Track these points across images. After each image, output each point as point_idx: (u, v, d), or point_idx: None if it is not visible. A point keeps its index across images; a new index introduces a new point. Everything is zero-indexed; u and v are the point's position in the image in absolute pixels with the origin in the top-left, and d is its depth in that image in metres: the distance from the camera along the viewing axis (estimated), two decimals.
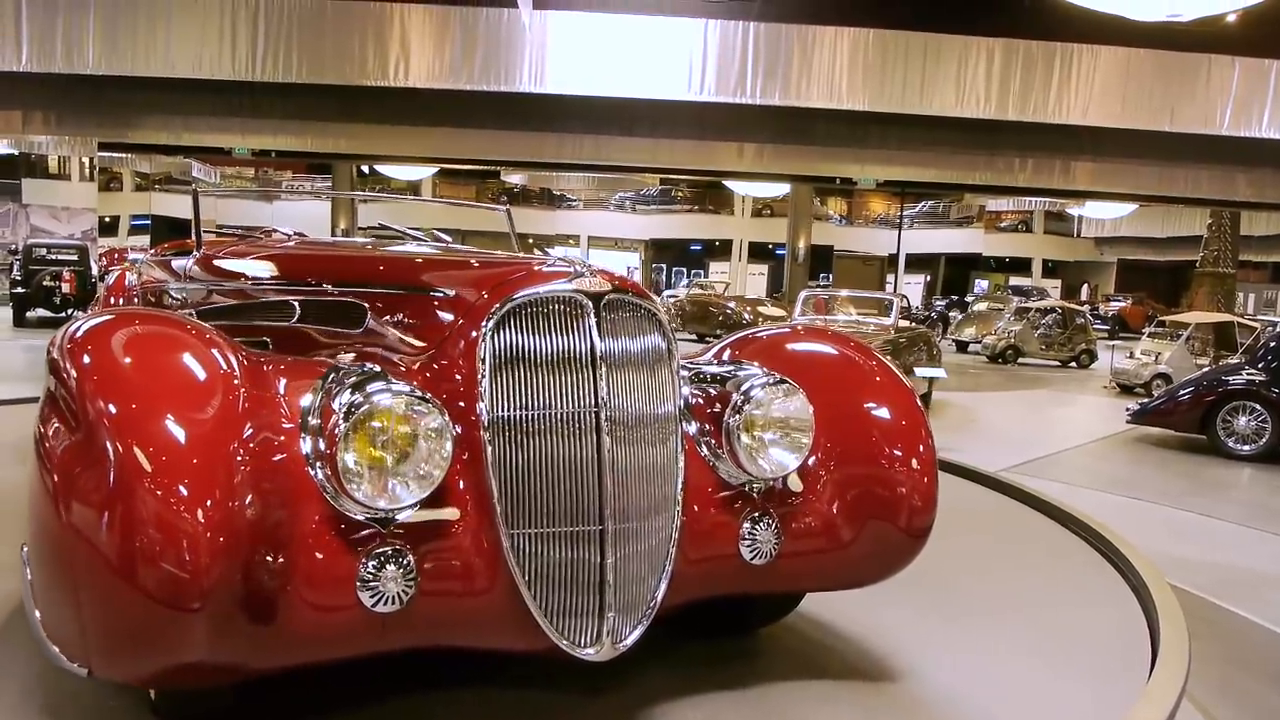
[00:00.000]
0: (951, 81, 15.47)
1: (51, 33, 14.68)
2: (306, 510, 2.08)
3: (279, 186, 34.11)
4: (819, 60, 15.31)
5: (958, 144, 17.63)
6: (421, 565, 2.12)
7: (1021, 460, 8.93)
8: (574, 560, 2.26)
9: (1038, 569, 4.33)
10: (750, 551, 2.53)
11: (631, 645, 2.33)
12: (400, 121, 17.60)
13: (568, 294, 2.32)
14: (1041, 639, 3.34)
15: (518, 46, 15.07)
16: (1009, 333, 20.48)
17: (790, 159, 18.88)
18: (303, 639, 2.05)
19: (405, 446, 2.12)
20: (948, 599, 3.73)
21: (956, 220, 40.37)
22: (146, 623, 1.88)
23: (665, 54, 15.22)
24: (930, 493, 2.71)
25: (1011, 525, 5.28)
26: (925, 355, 11.65)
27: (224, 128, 18.17)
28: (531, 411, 2.26)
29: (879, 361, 2.94)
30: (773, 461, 2.58)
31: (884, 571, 2.78)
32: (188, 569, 1.85)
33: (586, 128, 17.61)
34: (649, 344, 2.44)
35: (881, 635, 3.22)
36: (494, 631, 2.26)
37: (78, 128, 18.35)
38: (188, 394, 2.09)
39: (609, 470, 2.28)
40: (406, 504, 2.12)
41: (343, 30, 15.00)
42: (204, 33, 14.93)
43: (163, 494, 1.87)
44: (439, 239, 4.16)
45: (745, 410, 2.57)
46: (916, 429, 2.77)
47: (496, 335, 2.27)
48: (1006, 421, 12.13)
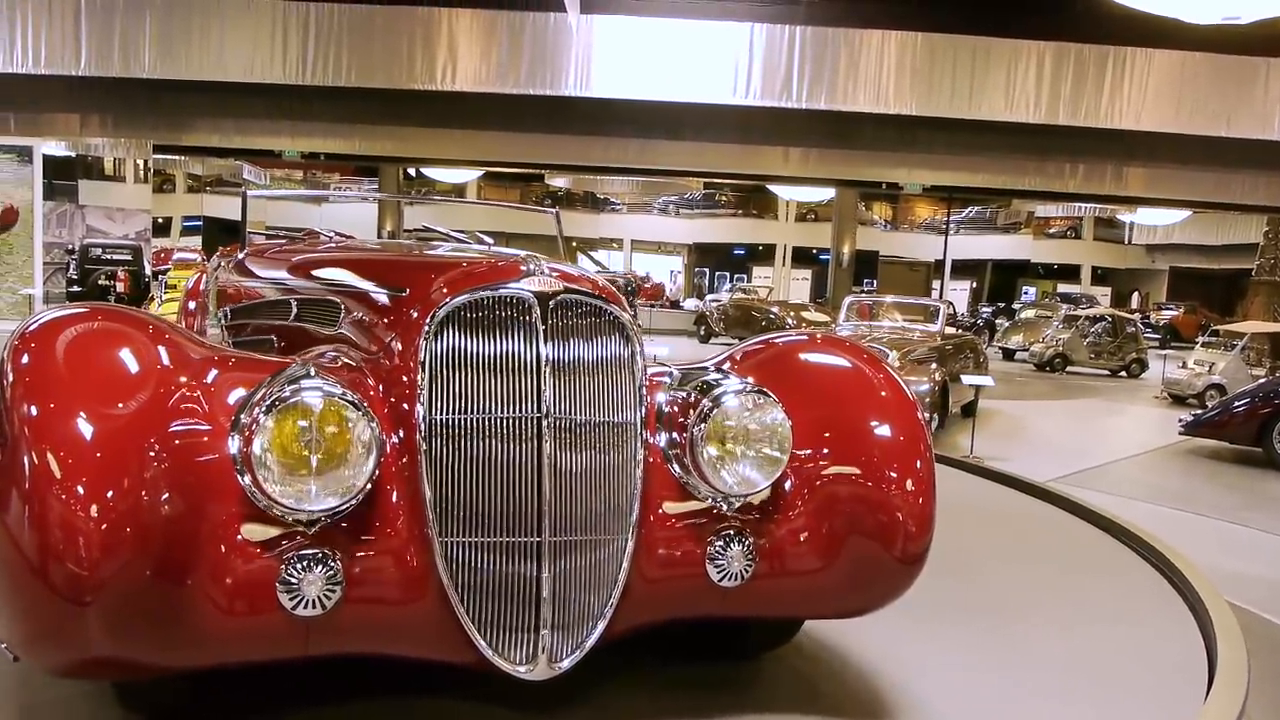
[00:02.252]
0: (1001, 86, 15.26)
1: (109, 38, 15.00)
2: (230, 510, 2.02)
3: (327, 189, 34.54)
4: (866, 64, 15.18)
5: (1007, 149, 17.41)
6: (349, 570, 2.05)
7: (1070, 471, 8.77)
8: (508, 572, 2.16)
9: (1087, 583, 4.25)
10: (719, 573, 2.33)
11: (570, 667, 2.20)
12: (447, 125, 17.77)
13: (512, 294, 2.21)
14: (1092, 657, 3.27)
15: (564, 50, 15.12)
16: (1057, 341, 20.17)
17: (836, 163, 18.76)
18: (222, 639, 2.01)
19: (329, 448, 2.04)
20: (990, 614, 3.67)
21: (1003, 226, 39.84)
22: (46, 616, 1.89)
23: (711, 58, 15.18)
24: (925, 516, 2.48)
25: (1060, 537, 5.19)
26: (972, 362, 11.50)
27: (274, 130, 18.46)
28: (469, 416, 2.16)
29: (887, 375, 2.71)
30: (739, 477, 2.38)
31: (873, 600, 2.55)
32: (82, 565, 1.84)
33: (632, 131, 17.64)
34: (606, 348, 2.30)
35: (903, 661, 3.03)
36: (425, 642, 2.18)
37: (134, 130, 18.72)
38: (107, 392, 2.05)
39: (549, 479, 2.17)
40: (324, 507, 2.03)
41: (391, 35, 15.16)
42: (256, 37, 15.17)
43: (61, 491, 1.87)
44: (482, 241, 4.17)
45: (711, 419, 2.38)
46: (915, 446, 2.54)
47: (437, 336, 2.19)
48: (1055, 431, 11.94)
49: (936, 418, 9.12)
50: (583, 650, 2.22)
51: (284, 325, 3.25)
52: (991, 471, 6.87)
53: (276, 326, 3.32)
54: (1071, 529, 5.32)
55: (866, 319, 11.75)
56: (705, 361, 2.85)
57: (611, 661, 2.70)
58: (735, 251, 40.70)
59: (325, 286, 3.01)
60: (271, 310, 3.42)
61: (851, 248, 26.52)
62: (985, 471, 6.90)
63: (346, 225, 22.34)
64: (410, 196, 31.93)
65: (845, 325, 11.12)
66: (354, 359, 2.49)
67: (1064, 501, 5.87)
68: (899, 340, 10.06)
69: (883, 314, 12.19)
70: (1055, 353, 19.93)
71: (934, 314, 11.76)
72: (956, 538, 5.00)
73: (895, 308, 12.67)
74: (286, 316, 3.26)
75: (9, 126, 17.14)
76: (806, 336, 2.90)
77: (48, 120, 17.79)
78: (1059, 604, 3.89)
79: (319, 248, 3.81)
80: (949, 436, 9.57)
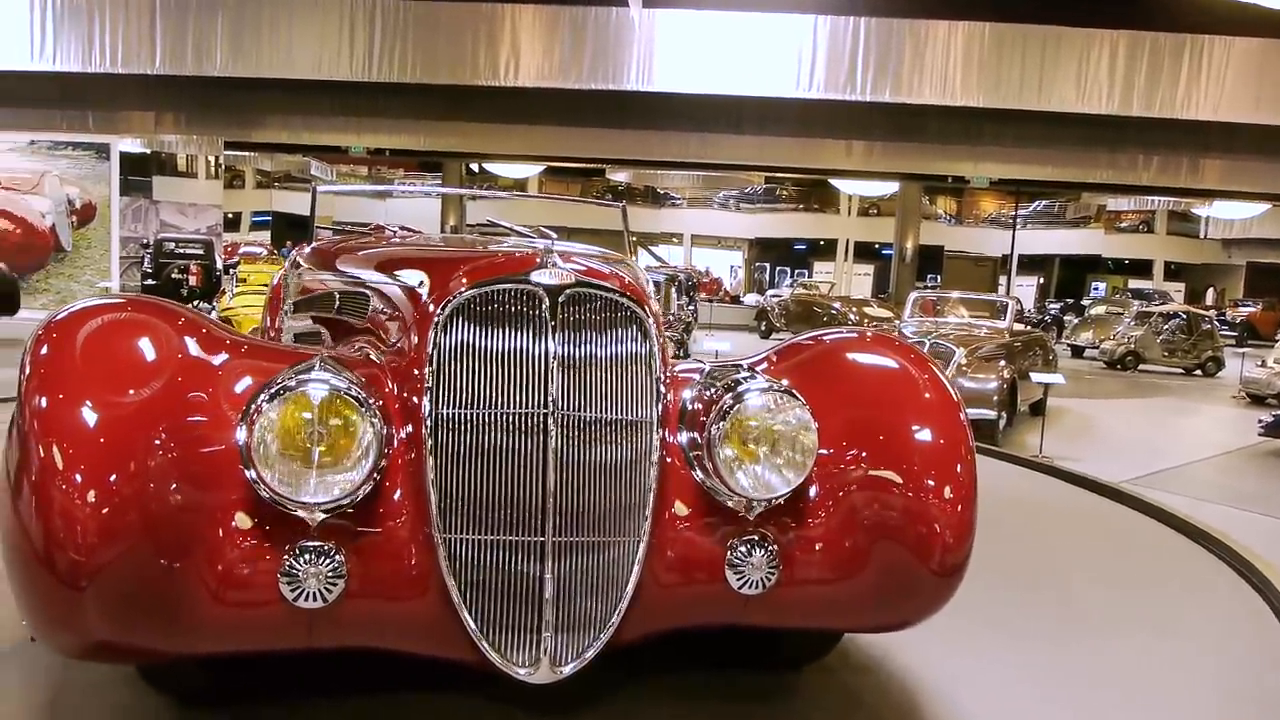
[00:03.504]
0: (1072, 76, 14.90)
1: (183, 37, 15.36)
2: (235, 500, 2.03)
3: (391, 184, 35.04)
4: (932, 56, 14.93)
5: (1078, 141, 17.01)
6: (351, 564, 2.04)
7: (1144, 472, 8.54)
8: (511, 572, 2.12)
9: (1166, 593, 4.12)
10: (739, 580, 2.23)
11: (573, 672, 2.15)
12: (509, 120, 17.87)
13: (521, 287, 2.16)
14: (1173, 667, 3.17)
15: (626, 45, 15.11)
16: (1129, 338, 19.66)
17: (900, 157, 18.50)
18: (224, 627, 2.03)
19: (331, 442, 2.03)
20: (1062, 628, 3.57)
21: (1072, 220, 38.96)
22: (47, 599, 1.94)
23: (774, 51, 15.05)
24: (964, 525, 2.33)
25: (1135, 541, 5.05)
26: (1041, 360, 11.26)
27: (341, 127, 18.74)
28: (474, 410, 2.13)
29: (931, 375, 2.57)
30: (758, 481, 2.26)
31: (908, 613, 2.41)
32: (79, 551, 1.88)
33: (693, 125, 17.57)
34: (622, 343, 2.23)
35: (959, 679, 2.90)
36: (426, 639, 2.16)
37: (206, 127, 19.16)
38: (118, 383, 2.07)
39: (554, 478, 2.12)
40: (324, 500, 2.01)
41: (455, 31, 15.29)
42: (323, 35, 15.41)
43: (62, 480, 1.91)
44: (546, 235, 4.18)
45: (731, 417, 2.27)
46: (955, 450, 2.40)
47: (446, 329, 2.16)
48: (1127, 431, 11.64)
49: (1004, 416, 8.93)
50: (588, 656, 2.16)
51: (330, 319, 3.30)
52: (1062, 471, 6.72)
53: (325, 319, 3.38)
54: (1147, 532, 5.18)
55: (930, 315, 11.57)
56: (742, 358, 2.77)
57: (636, 665, 2.70)
58: (796, 246, 40.37)
59: (361, 280, 3.04)
60: (322, 304, 3.49)
61: (915, 243, 26.15)
62: (1056, 471, 6.76)
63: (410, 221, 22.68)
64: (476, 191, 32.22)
65: (910, 321, 10.95)
66: (378, 352, 2.50)
67: (1139, 503, 5.72)
68: (966, 337, 9.89)
69: (948, 310, 11.99)
70: (1127, 350, 19.43)
71: (1001, 310, 11.54)
72: (1022, 541, 4.90)
73: (961, 303, 12.46)
74: (331, 309, 3.31)
75: (88, 124, 17.64)
76: (855, 334, 2.78)
77: (124, 118, 18.29)
78: (1135, 616, 3.77)
79: (364, 243, 3.85)
80: (1017, 435, 9.38)
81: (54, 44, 15.56)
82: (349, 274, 3.18)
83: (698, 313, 20.04)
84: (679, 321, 13.99)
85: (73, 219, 15.72)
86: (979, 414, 8.68)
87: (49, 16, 15.47)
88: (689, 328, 14.87)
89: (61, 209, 15.62)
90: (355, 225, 21.57)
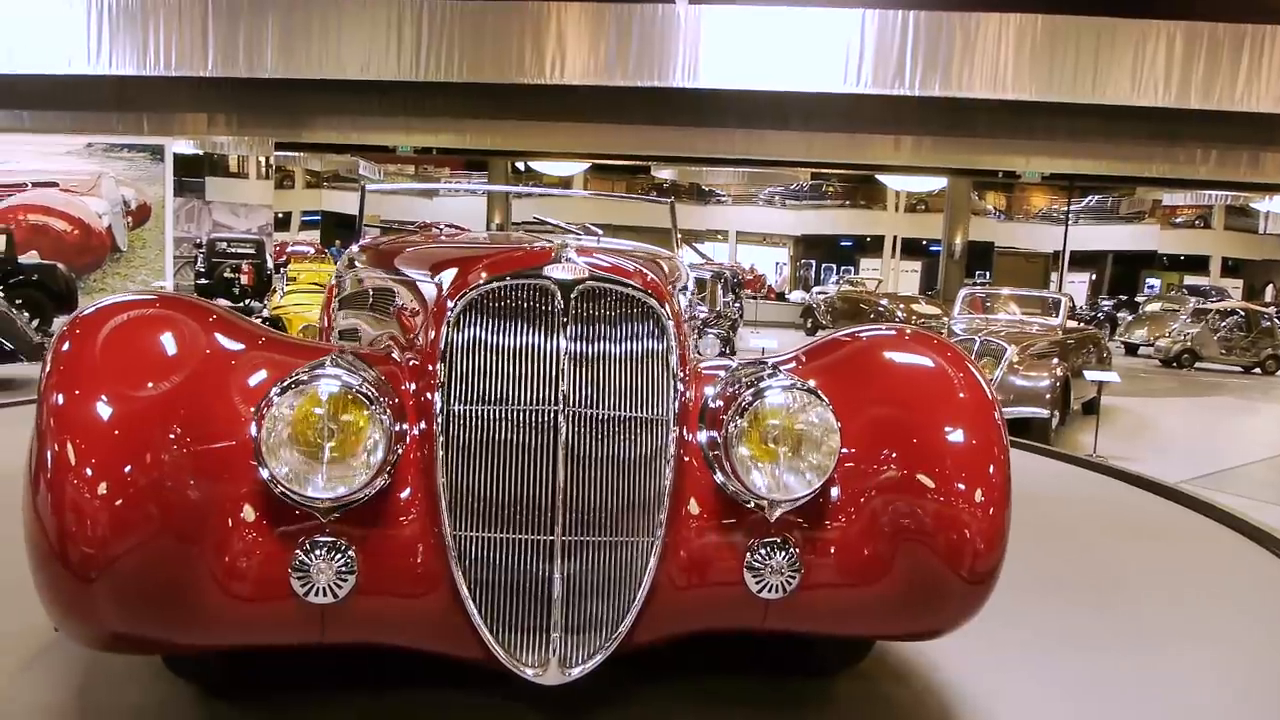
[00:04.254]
0: (1127, 68, 14.60)
1: (234, 39, 15.60)
2: (248, 495, 2.05)
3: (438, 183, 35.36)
4: (983, 49, 14.71)
5: (1133, 134, 16.66)
6: (362, 560, 2.04)
7: (1202, 472, 8.34)
8: (520, 570, 2.10)
9: (1228, 597, 4.01)
10: (758, 583, 2.16)
11: (583, 674, 2.11)
12: (554, 118, 17.93)
13: (533, 282, 2.14)
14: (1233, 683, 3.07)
15: (672, 42, 15.08)
16: (1185, 335, 19.23)
17: (950, 152, 18.28)
18: (236, 621, 2.05)
19: (341, 438, 2.03)
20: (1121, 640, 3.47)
21: (1126, 215, 38.23)
22: (60, 590, 1.97)
23: (821, 46, 14.93)
24: (995, 531, 2.22)
25: (1193, 542, 4.93)
26: (1095, 358, 11.04)
27: (388, 127, 18.95)
28: (484, 406, 2.11)
29: (968, 374, 2.45)
30: (777, 480, 2.18)
31: (937, 622, 2.31)
32: (89, 544, 1.91)
33: (739, 122, 17.49)
34: (637, 340, 2.19)
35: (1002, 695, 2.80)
36: (436, 636, 2.16)
37: (257, 128, 19.47)
38: (135, 378, 2.09)
39: (564, 476, 2.10)
40: (332, 496, 2.01)
41: (502, 30, 15.36)
42: (371, 36, 15.56)
43: (74, 475, 1.94)
44: (592, 232, 4.18)
45: (748, 416, 2.19)
46: (988, 452, 2.29)
47: (458, 325, 2.14)
48: (1184, 430, 11.38)
49: (1057, 414, 8.77)
50: (598, 658, 2.13)
51: (367, 315, 3.33)
52: (1118, 471, 6.59)
53: (362, 316, 3.41)
54: (1206, 534, 5.05)
55: (980, 312, 11.40)
56: (772, 355, 2.70)
57: (660, 667, 2.67)
58: (842, 243, 40.08)
59: (391, 277, 3.06)
60: (360, 301, 3.53)
61: (964, 239, 25.83)
62: (1111, 470, 6.62)
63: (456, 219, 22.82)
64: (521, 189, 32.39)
65: (960, 318, 10.80)
66: (401, 348, 2.50)
67: (1198, 504, 5.58)
68: (1017, 334, 9.72)
69: (998, 307, 11.80)
70: (1183, 348, 19.00)
71: (1053, 307, 11.34)
72: (1074, 543, 4.80)
73: (1012, 300, 12.27)
74: (366, 306, 3.34)
75: (142, 127, 18.00)
76: (893, 331, 2.65)
77: (178, 120, 18.63)
78: (1196, 626, 3.65)
79: (404, 241, 3.87)
80: (1071, 434, 9.22)
81: (110, 48, 15.89)
82: (383, 271, 3.21)
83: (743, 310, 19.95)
84: (724, 319, 13.92)
85: (128, 219, 16.05)
86: (1032, 413, 8.53)
87: (105, 21, 15.80)
88: (735, 325, 14.80)
89: (118, 210, 15.96)
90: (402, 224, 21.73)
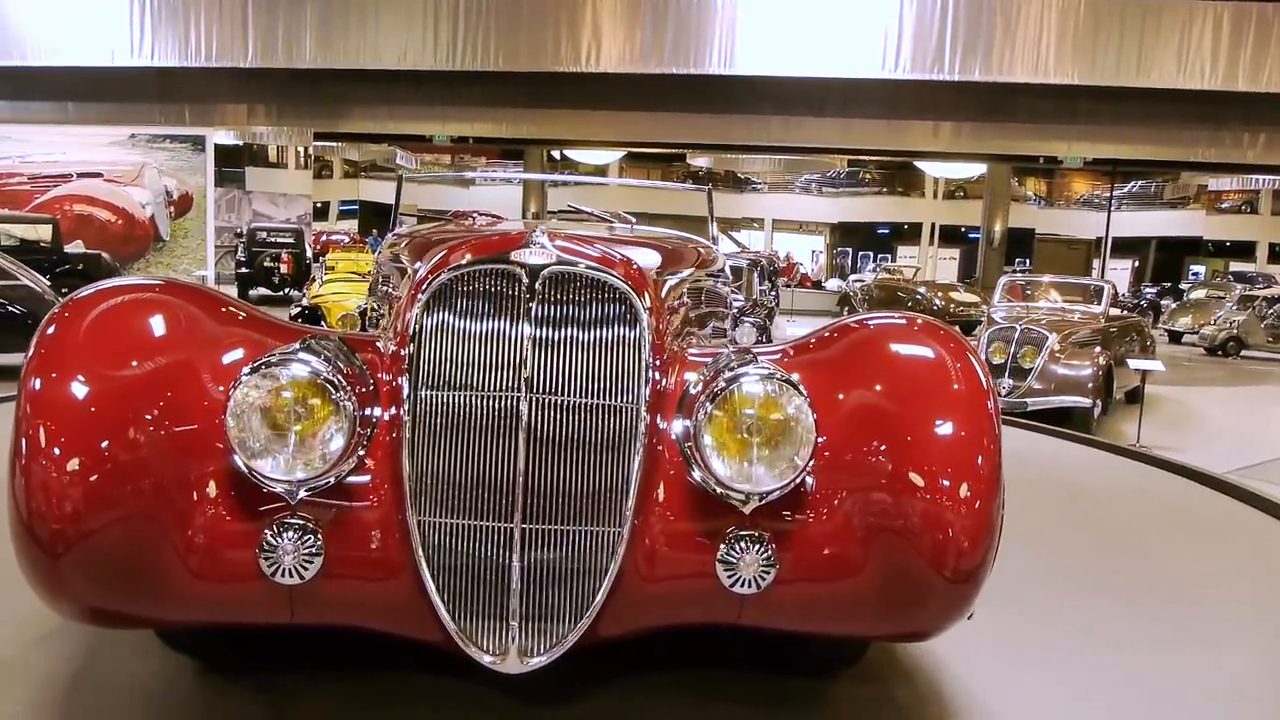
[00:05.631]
0: (1173, 51, 14.31)
1: (274, 30, 15.73)
2: (218, 477, 2.09)
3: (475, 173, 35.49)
4: (1024, 32, 14.48)
5: (1178, 118, 16.35)
6: (329, 543, 2.06)
7: (1250, 462, 8.19)
8: (480, 557, 2.09)
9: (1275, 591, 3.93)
10: (731, 577, 2.08)
11: (543, 665, 2.10)
12: (590, 106, 17.91)
13: (500, 267, 2.13)
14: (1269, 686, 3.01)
15: (708, 28, 14.99)
16: (1231, 323, 18.88)
17: (989, 137, 18.03)
18: (208, 599, 2.09)
19: (306, 421, 2.06)
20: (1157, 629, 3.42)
21: (1170, 201, 37.53)
22: (34, 566, 2.04)
23: (858, 31, 14.77)
24: (981, 528, 2.11)
25: (1238, 535, 4.84)
26: (1138, 346, 10.88)
27: (425, 116, 19.03)
28: (451, 392, 2.11)
29: (966, 365, 2.32)
30: (749, 472, 2.11)
31: (919, 623, 2.22)
32: (57, 521, 1.97)
33: (775, 109, 17.37)
34: (607, 326, 2.15)
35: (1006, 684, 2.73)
36: (401, 620, 2.17)
37: (296, 119, 19.63)
38: (113, 362, 2.14)
39: (525, 463, 2.08)
40: (296, 479, 2.04)
41: (537, 18, 15.35)
42: (408, 25, 15.63)
43: (42, 456, 2.00)
44: (626, 220, 4.18)
45: (718, 405, 2.12)
46: (978, 443, 2.17)
47: (428, 310, 2.15)
48: (1229, 419, 11.18)
49: (1100, 404, 8.66)
50: (560, 650, 2.11)
51: (386, 302, 3.40)
52: (1162, 460, 6.49)
53: (384, 303, 3.48)
54: (1252, 526, 4.96)
55: (1019, 299, 11.26)
56: (769, 345, 2.62)
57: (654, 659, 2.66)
58: (879, 231, 39.72)
59: (395, 265, 3.11)
60: (378, 288, 3.60)
61: (1003, 225, 25.50)
62: (1155, 460, 6.53)
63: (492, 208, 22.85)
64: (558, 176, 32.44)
65: (1000, 306, 10.68)
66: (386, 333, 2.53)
67: (1244, 494, 5.48)
68: (1059, 322, 9.59)
69: (1039, 295, 11.65)
70: (1229, 335, 18.66)
71: (1095, 294, 11.17)
72: (1112, 535, 4.73)
73: (1052, 288, 12.11)
74: (378, 294, 3.43)
75: (184, 118, 18.22)
76: (902, 321, 2.52)
77: (218, 111, 18.84)
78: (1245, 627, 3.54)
79: (431, 230, 3.91)
80: (1113, 424, 9.09)
81: (152, 40, 16.09)
82: (394, 259, 3.27)
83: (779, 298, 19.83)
84: (761, 307, 13.86)
85: (170, 209, 16.26)
86: (1073, 401, 8.43)
87: (147, 13, 15.99)
88: (771, 313, 14.73)
89: (160, 200, 16.17)
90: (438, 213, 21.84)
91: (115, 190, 16.10)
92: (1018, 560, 3.94)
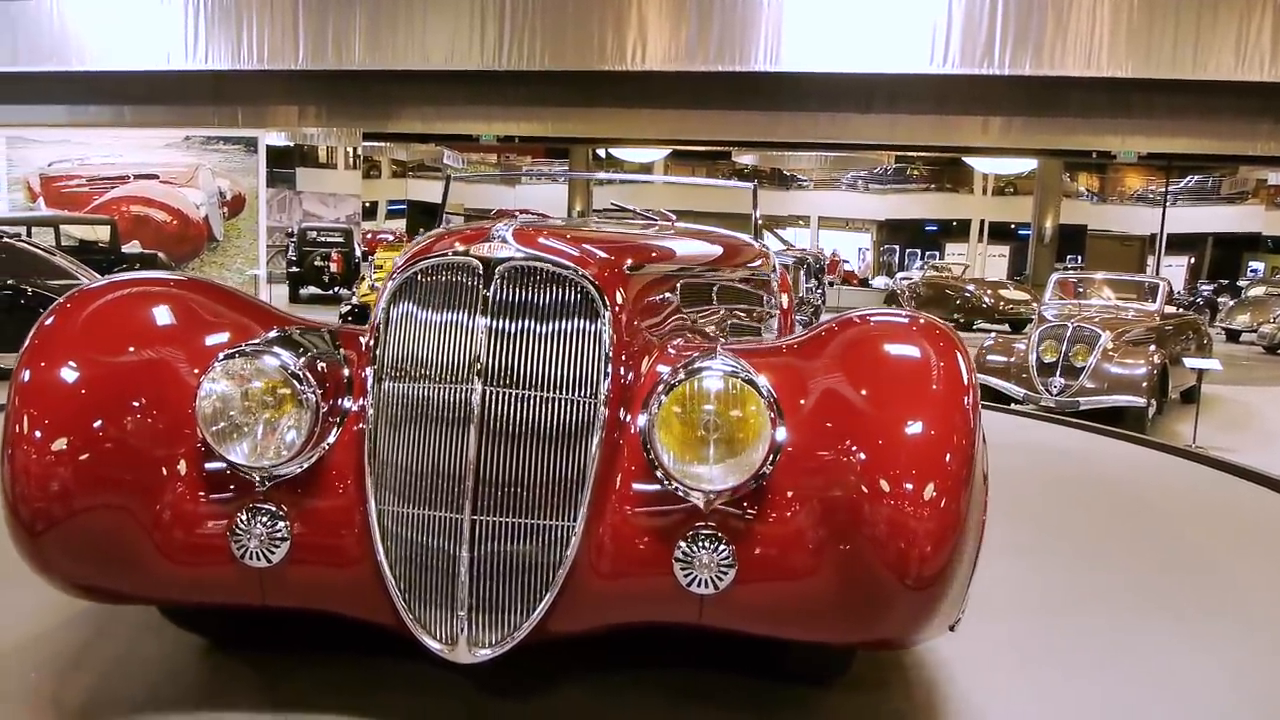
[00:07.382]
0: (1231, 43, 14.00)
1: (324, 32, 15.97)
2: (193, 462, 2.18)
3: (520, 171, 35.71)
4: (1076, 25, 14.25)
5: (1236, 111, 15.99)
6: (296, 528, 2.14)
7: None
8: (432, 548, 2.12)
9: None
10: (687, 576, 2.03)
11: (492, 657, 2.10)
12: (635, 104, 17.93)
13: (459, 260, 2.16)
14: None
15: (753, 25, 14.94)
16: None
17: (1041, 132, 17.76)
18: (181, 579, 2.18)
19: (271, 410, 2.15)
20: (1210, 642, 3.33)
21: (1228, 196, 36.68)
22: (20, 543, 2.15)
23: (906, 25, 14.64)
24: (946, 531, 1.99)
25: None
26: (1194, 345, 10.63)
27: (472, 115, 19.17)
28: (409, 383, 2.16)
29: (950, 364, 2.20)
30: (700, 472, 2.06)
31: (884, 630, 2.12)
32: (37, 500, 2.10)
33: (822, 105, 17.26)
34: (566, 319, 2.15)
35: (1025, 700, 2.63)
36: (363, 603, 2.21)
37: (345, 120, 19.90)
38: (100, 351, 2.24)
39: (477, 454, 2.09)
40: (255, 465, 2.12)
41: (583, 17, 15.41)
42: (455, 26, 15.78)
43: (27, 438, 2.11)
44: (667, 218, 4.19)
45: (672, 396, 2.09)
46: (947, 441, 2.06)
47: (392, 302, 2.22)
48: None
49: (1154, 403, 8.48)
50: (509, 643, 2.11)
51: None
52: (1219, 462, 6.34)
53: None
54: None
55: (1071, 297, 11.06)
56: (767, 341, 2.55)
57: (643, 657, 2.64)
58: (927, 228, 39.29)
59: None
60: None
61: (1054, 222, 25.12)
62: (1211, 461, 6.38)
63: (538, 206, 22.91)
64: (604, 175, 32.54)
65: (1051, 303, 10.50)
66: None
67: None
68: (1112, 320, 9.41)
69: (1092, 292, 11.44)
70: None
71: (1149, 292, 10.95)
72: (1165, 539, 4.63)
73: (1106, 285, 11.88)
74: None
75: (237, 119, 18.55)
76: (903, 319, 2.41)
77: (270, 113, 19.15)
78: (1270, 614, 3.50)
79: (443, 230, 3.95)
80: (1169, 424, 8.90)
81: (206, 44, 16.42)
82: None
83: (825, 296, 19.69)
84: (807, 305, 13.76)
85: (224, 210, 16.56)
86: (1127, 401, 8.27)
87: (201, 19, 16.32)
88: (818, 311, 14.63)
89: (214, 200, 16.48)
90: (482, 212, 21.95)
91: (171, 191, 16.44)
92: (1060, 561, 3.87)
